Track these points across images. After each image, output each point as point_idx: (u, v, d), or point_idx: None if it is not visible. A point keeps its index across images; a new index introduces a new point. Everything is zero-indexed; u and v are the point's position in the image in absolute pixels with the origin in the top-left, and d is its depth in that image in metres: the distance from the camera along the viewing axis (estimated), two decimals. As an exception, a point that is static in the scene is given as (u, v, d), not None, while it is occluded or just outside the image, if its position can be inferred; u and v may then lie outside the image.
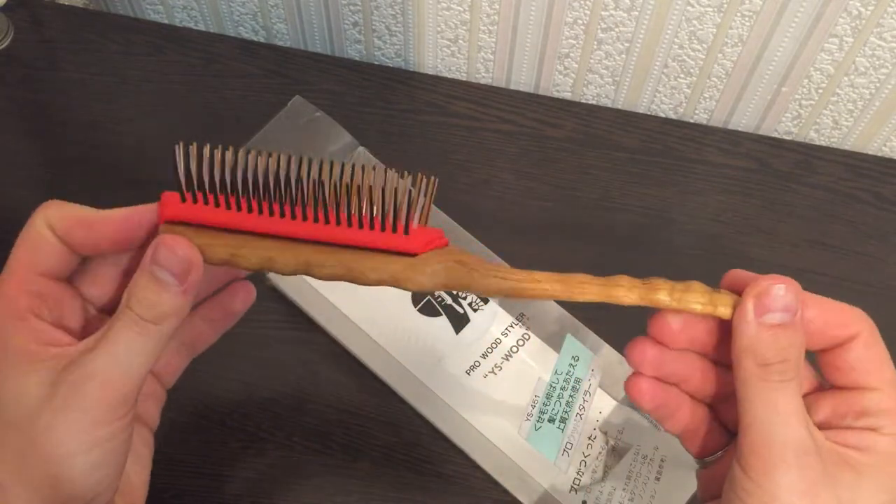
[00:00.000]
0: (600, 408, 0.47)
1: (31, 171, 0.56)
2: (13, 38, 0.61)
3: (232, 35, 0.67)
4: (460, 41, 0.63)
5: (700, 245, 0.56)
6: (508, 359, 0.48)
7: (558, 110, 0.61)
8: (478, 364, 0.48)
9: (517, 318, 0.49)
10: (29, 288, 0.29)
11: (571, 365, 0.48)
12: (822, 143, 0.64)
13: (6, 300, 0.28)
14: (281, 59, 0.62)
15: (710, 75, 0.61)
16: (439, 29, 0.62)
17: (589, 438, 0.47)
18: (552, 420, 0.46)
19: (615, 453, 0.46)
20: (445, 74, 0.66)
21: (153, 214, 0.29)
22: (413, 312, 0.49)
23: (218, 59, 0.62)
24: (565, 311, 0.50)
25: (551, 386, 0.47)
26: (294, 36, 0.66)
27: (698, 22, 0.57)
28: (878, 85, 0.58)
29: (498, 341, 0.49)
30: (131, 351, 0.28)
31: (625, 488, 0.45)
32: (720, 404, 0.32)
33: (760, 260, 0.55)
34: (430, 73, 0.65)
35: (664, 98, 0.63)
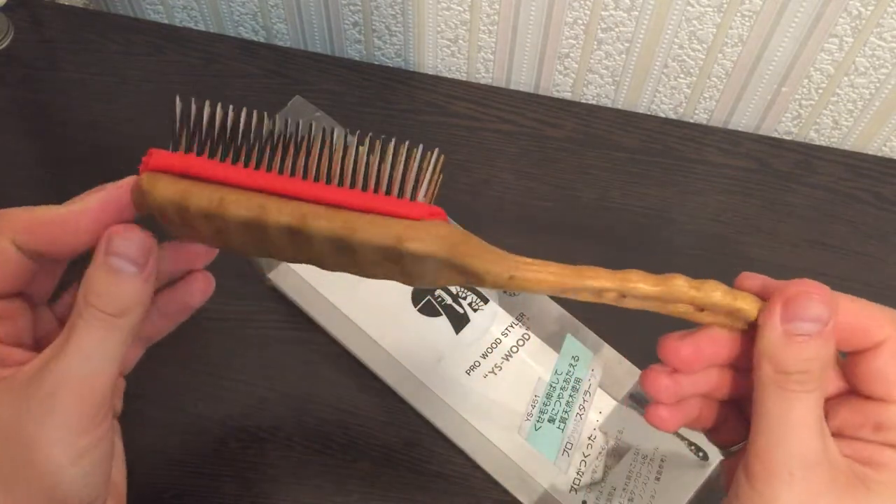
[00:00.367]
0: (600, 408, 0.47)
1: (31, 171, 0.56)
2: (13, 38, 0.61)
3: (232, 35, 0.67)
4: (460, 41, 0.63)
5: (700, 245, 0.56)
6: (508, 359, 0.48)
7: (558, 110, 0.61)
8: (478, 364, 0.48)
9: (517, 318, 0.49)
10: None
11: (571, 365, 0.48)
12: (822, 143, 0.64)
13: None
14: (281, 59, 0.62)
15: (710, 75, 0.61)
16: (439, 29, 0.62)
17: (589, 438, 0.47)
18: (552, 420, 0.46)
19: (615, 453, 0.46)
20: (445, 74, 0.65)
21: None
22: (413, 312, 0.49)
23: (218, 59, 0.62)
24: (565, 311, 0.50)
25: (551, 386, 0.47)
26: (294, 36, 0.66)
27: (698, 22, 0.57)
28: (878, 85, 0.58)
29: (498, 341, 0.49)
30: (99, 350, 0.26)
31: (625, 488, 0.45)
32: (744, 401, 0.31)
33: (760, 260, 0.55)
34: (430, 73, 0.65)
35: (664, 98, 0.63)
